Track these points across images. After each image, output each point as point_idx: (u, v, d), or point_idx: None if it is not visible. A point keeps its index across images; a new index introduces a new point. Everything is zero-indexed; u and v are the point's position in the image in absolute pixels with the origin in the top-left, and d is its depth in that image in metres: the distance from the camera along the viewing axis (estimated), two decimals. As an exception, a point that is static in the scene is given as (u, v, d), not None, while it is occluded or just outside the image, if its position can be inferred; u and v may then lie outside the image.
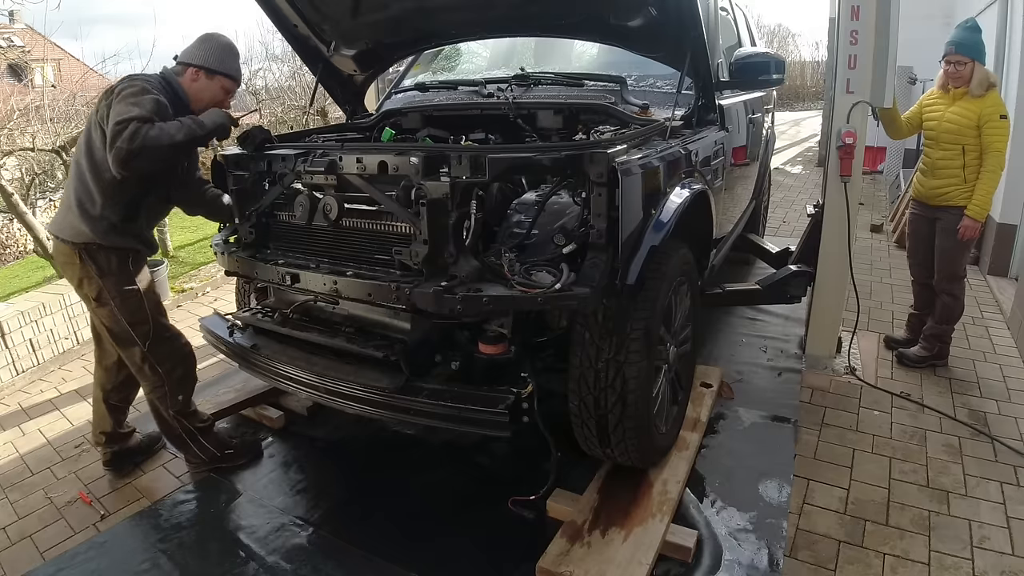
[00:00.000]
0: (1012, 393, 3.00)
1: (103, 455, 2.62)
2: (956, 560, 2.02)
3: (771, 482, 2.36)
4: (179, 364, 2.44)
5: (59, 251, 2.33)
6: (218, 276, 5.17)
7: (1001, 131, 2.88)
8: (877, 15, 2.86)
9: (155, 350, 2.37)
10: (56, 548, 2.23)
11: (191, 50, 2.35)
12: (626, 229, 1.84)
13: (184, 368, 2.47)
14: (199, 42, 2.36)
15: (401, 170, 1.88)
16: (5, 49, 8.20)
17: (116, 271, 2.28)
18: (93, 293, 2.30)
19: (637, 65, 2.82)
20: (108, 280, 2.28)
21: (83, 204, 2.23)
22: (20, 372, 3.56)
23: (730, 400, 2.94)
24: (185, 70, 2.34)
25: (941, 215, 3.11)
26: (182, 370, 2.46)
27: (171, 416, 2.45)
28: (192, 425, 2.50)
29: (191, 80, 2.33)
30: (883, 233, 5.73)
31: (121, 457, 2.64)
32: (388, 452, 2.69)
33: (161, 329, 2.40)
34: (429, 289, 1.79)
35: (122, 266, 2.29)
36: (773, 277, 3.21)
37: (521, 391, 1.90)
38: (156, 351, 2.37)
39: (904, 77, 6.52)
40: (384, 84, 4.27)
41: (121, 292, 2.29)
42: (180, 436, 2.50)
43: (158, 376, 2.39)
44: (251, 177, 2.30)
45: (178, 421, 2.47)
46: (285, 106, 8.93)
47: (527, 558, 1.97)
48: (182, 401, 2.46)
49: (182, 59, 2.35)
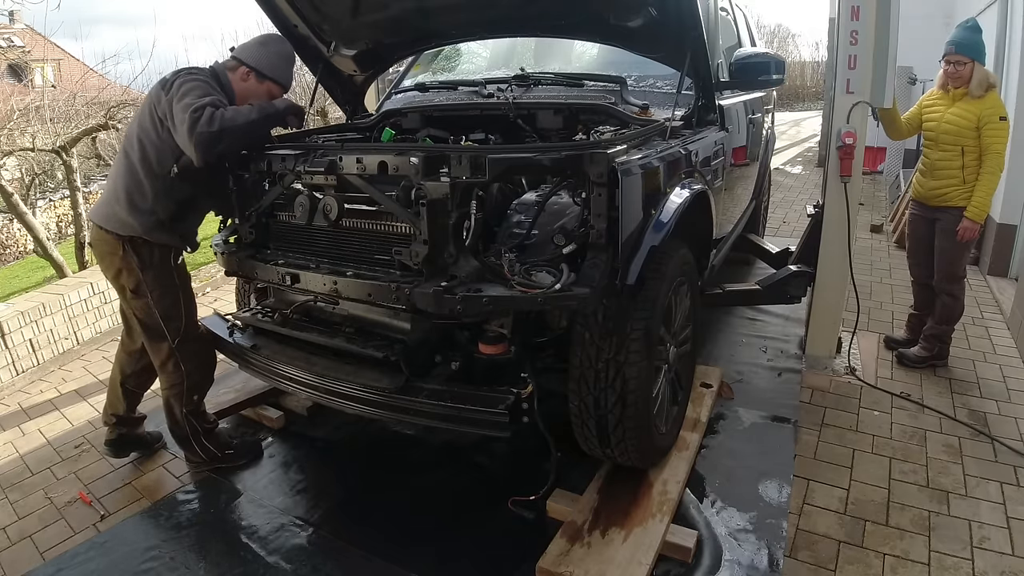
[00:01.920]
0: (1012, 393, 3.00)
1: (108, 433, 2.64)
2: (956, 560, 2.02)
3: (771, 482, 2.36)
4: (202, 366, 2.47)
5: (101, 239, 2.32)
6: (218, 276, 5.17)
7: (1000, 132, 2.88)
8: (877, 15, 2.86)
9: (183, 348, 2.38)
10: (56, 548, 2.23)
11: (249, 49, 2.36)
12: (626, 229, 1.84)
13: (205, 371, 2.49)
14: (259, 44, 2.37)
15: (401, 170, 1.88)
16: (5, 49, 8.21)
17: (158, 266, 2.30)
18: (131, 285, 2.31)
19: (637, 65, 2.82)
20: (148, 274, 2.28)
21: (132, 197, 2.22)
22: (20, 372, 3.56)
23: (730, 400, 2.94)
24: (238, 67, 2.33)
25: (940, 216, 3.11)
26: (203, 372, 2.48)
27: (182, 415, 2.46)
28: (200, 425, 2.51)
29: (241, 79, 2.33)
30: (883, 233, 5.73)
31: (124, 442, 2.66)
32: (388, 452, 2.69)
33: (192, 328, 2.42)
34: (429, 289, 1.79)
35: (164, 262, 2.31)
36: (773, 277, 3.21)
37: (521, 391, 1.90)
38: (183, 349, 2.38)
39: (904, 77, 6.52)
40: (384, 84, 4.27)
41: (161, 287, 2.31)
42: (186, 435, 2.51)
43: (180, 374, 2.40)
44: (251, 177, 2.30)
45: (188, 421, 2.48)
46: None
47: (527, 558, 1.97)
48: (196, 401, 2.48)
49: (238, 54, 2.35)
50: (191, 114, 2.03)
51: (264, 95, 2.35)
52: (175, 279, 2.34)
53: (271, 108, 2.24)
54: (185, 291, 2.39)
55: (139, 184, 2.22)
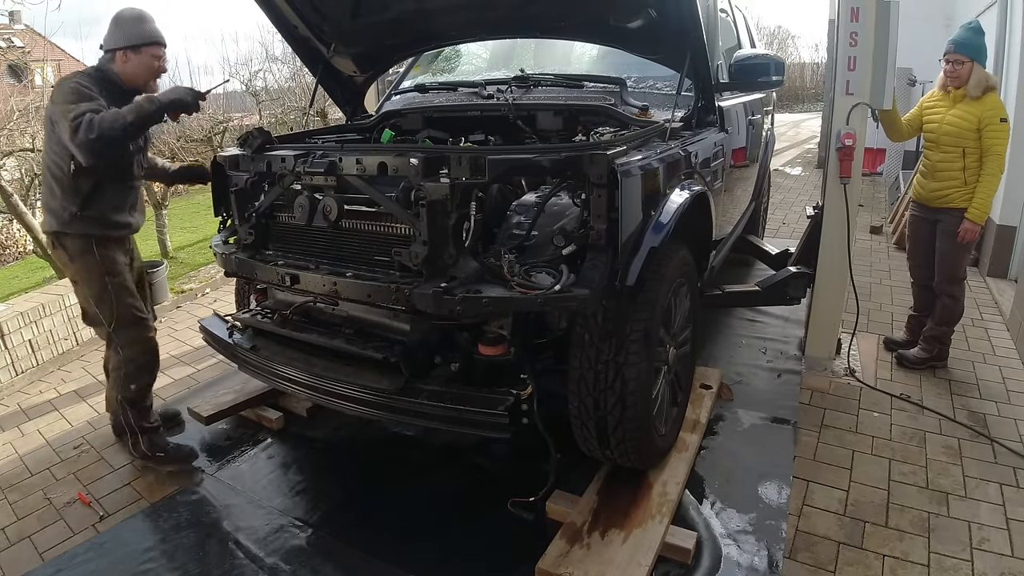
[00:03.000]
0: (1012, 395, 3.00)
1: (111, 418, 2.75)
2: (956, 562, 2.02)
3: (770, 483, 2.36)
4: (141, 354, 2.54)
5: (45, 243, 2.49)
6: (217, 277, 5.17)
7: (1001, 134, 2.89)
8: (877, 17, 2.87)
9: (119, 333, 2.50)
10: (55, 549, 2.23)
11: (110, 34, 2.43)
12: (626, 230, 1.84)
13: (145, 360, 2.56)
14: (114, 26, 2.43)
15: (401, 171, 1.88)
16: (5, 50, 8.20)
17: (82, 256, 2.42)
18: (69, 275, 2.54)
19: (637, 67, 2.82)
20: (76, 264, 2.44)
21: (48, 198, 2.43)
22: (19, 373, 3.56)
23: (729, 401, 2.94)
24: (113, 55, 2.41)
25: (941, 217, 3.12)
26: (142, 361, 2.55)
27: (118, 401, 2.55)
28: (136, 422, 2.56)
29: (122, 63, 2.41)
30: (883, 235, 5.74)
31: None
32: (387, 453, 2.69)
33: (127, 312, 2.49)
34: (428, 290, 1.79)
35: (86, 251, 2.42)
36: (773, 278, 3.21)
37: (521, 393, 1.90)
38: (120, 334, 2.50)
39: (904, 79, 6.53)
40: (384, 85, 4.27)
41: (87, 275, 2.45)
42: (121, 425, 2.59)
43: (119, 358, 2.52)
44: (251, 178, 2.30)
45: (124, 409, 2.54)
46: (285, 107, 8.93)
47: (526, 559, 1.96)
48: (135, 391, 2.53)
49: (105, 44, 2.43)
50: (71, 122, 2.16)
51: (150, 62, 2.44)
52: (100, 267, 2.44)
53: (149, 108, 2.28)
54: (114, 277, 2.47)
55: (50, 186, 2.41)
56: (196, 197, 9.71)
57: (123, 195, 2.50)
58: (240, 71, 9.34)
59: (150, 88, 2.48)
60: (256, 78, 9.21)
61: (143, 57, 2.42)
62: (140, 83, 2.44)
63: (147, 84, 2.47)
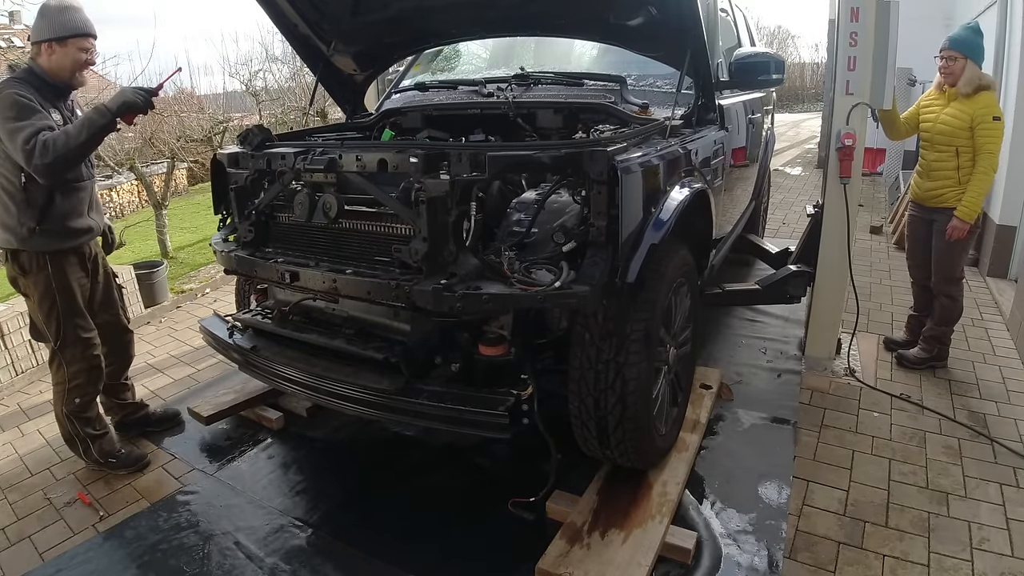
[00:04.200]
0: (1012, 395, 3.00)
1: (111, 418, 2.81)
2: (956, 562, 2.02)
3: (770, 483, 2.35)
4: (84, 371, 2.51)
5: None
6: (217, 277, 5.17)
7: (994, 133, 2.88)
8: (877, 17, 2.86)
9: (64, 351, 2.47)
10: (55, 549, 2.22)
11: (35, 27, 2.35)
12: (626, 227, 1.84)
13: (87, 377, 2.53)
14: (40, 18, 2.33)
15: (401, 168, 1.87)
16: (5, 50, 8.19)
17: (35, 272, 2.39)
18: (21, 290, 2.49)
19: (637, 64, 2.82)
20: (28, 279, 2.42)
21: (2, 214, 2.34)
22: (19, 373, 3.55)
23: (729, 401, 2.93)
24: (39, 49, 2.32)
25: (937, 217, 3.11)
26: (88, 378, 2.53)
27: (62, 414, 2.54)
28: (82, 430, 2.56)
29: (48, 55, 2.31)
30: (883, 235, 5.74)
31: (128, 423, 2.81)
32: (388, 453, 2.68)
33: (73, 332, 2.46)
34: (428, 287, 1.78)
35: (41, 268, 2.39)
36: (773, 277, 3.21)
37: (521, 393, 1.89)
38: (65, 352, 2.47)
39: (904, 79, 6.52)
40: (384, 84, 4.27)
41: (39, 292, 2.41)
42: (69, 435, 2.58)
43: (62, 374, 2.50)
44: (250, 175, 2.30)
45: (70, 421, 2.54)
46: (285, 107, 8.92)
47: (526, 559, 1.96)
48: (78, 404, 2.53)
49: (31, 38, 2.36)
50: (23, 147, 2.13)
51: (76, 55, 2.32)
52: (52, 285, 2.40)
53: (99, 119, 2.24)
54: (64, 296, 2.42)
55: (3, 202, 2.32)
56: (196, 197, 9.71)
57: (78, 197, 2.43)
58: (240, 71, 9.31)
59: (76, 82, 2.39)
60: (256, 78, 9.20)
61: (68, 49, 2.29)
62: (65, 76, 2.33)
63: (73, 77, 2.36)
